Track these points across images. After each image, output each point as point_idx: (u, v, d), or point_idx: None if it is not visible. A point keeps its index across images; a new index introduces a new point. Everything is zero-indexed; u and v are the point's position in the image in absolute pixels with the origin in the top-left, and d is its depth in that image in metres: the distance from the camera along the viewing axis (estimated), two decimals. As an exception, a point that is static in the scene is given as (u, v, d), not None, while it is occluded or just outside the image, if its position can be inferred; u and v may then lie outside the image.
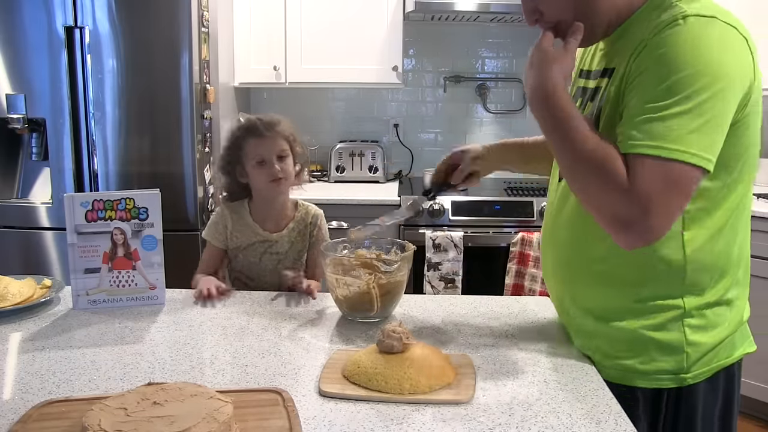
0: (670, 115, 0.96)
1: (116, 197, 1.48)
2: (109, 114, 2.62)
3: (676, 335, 1.11)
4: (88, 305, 1.48)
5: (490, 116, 3.54)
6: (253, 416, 0.96)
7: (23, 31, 2.57)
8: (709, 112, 0.96)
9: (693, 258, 1.09)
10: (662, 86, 0.97)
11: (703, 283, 1.11)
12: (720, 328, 1.14)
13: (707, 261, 1.10)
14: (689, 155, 0.95)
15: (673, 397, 1.14)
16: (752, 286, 1.25)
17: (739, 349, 1.18)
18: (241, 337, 1.32)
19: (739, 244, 1.14)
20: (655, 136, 0.96)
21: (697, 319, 1.12)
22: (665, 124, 0.96)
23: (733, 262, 1.13)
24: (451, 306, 1.51)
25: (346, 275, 1.39)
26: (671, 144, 0.95)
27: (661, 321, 1.11)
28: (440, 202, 2.91)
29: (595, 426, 0.98)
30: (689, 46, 0.97)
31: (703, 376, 1.14)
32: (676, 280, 1.10)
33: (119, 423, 0.85)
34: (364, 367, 1.09)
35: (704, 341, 1.12)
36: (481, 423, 0.98)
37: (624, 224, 0.98)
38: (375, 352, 1.11)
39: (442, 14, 3.13)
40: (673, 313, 1.11)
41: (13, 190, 2.80)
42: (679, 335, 1.11)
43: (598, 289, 1.17)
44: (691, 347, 1.12)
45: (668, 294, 1.11)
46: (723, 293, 1.13)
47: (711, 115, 0.96)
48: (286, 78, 3.11)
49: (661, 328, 1.11)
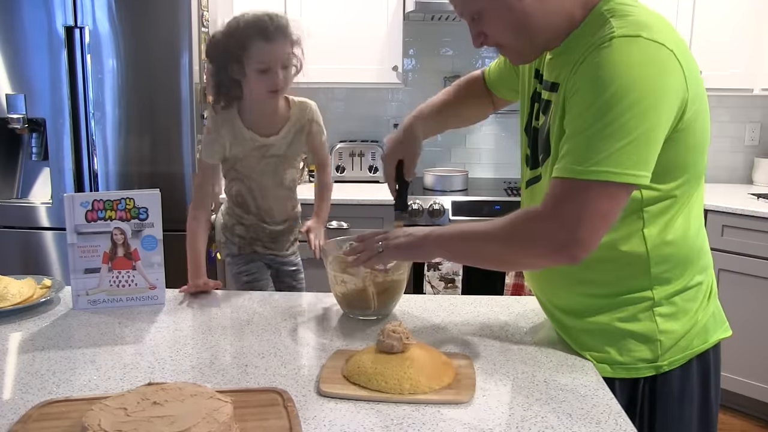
0: (597, 137, 1.01)
1: (116, 197, 1.48)
2: (109, 114, 2.62)
3: (648, 324, 1.16)
4: (88, 305, 1.48)
5: (490, 116, 3.54)
6: (253, 416, 0.96)
7: (23, 31, 2.57)
8: (636, 130, 1.00)
9: (655, 253, 1.15)
10: (590, 109, 1.02)
11: (668, 272, 1.16)
12: (690, 314, 1.19)
13: (668, 253, 1.16)
14: (612, 174, 1.01)
15: (649, 385, 1.18)
16: (752, 286, 1.25)
17: (713, 335, 1.23)
18: (241, 337, 1.32)
19: (694, 235, 1.19)
20: (581, 159, 1.02)
21: (667, 307, 1.17)
22: (590, 147, 1.02)
23: (694, 250, 1.19)
24: (451, 306, 1.51)
25: (344, 272, 1.39)
26: (595, 166, 1.01)
27: (632, 312, 1.17)
28: (440, 202, 2.91)
29: (595, 426, 0.98)
30: (613, 68, 1.01)
31: (677, 362, 1.18)
32: (642, 274, 1.16)
33: (119, 423, 0.85)
34: (364, 367, 1.09)
35: (675, 329, 1.17)
36: (481, 423, 0.98)
37: (558, 247, 1.06)
38: (375, 352, 1.11)
39: (442, 14, 3.13)
40: (643, 305, 1.17)
41: (13, 190, 2.80)
42: (651, 324, 1.16)
43: (572, 290, 1.23)
44: (664, 335, 1.16)
45: (637, 287, 1.17)
46: (689, 279, 1.19)
47: (639, 132, 1.00)
48: (286, 78, 3.11)
49: (632, 319, 1.17)
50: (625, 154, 1.00)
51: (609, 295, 1.18)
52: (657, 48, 1.02)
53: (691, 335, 1.19)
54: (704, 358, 1.22)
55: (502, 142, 3.57)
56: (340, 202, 2.93)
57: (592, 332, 1.20)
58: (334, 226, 2.92)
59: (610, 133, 1.00)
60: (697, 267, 1.20)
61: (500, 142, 3.57)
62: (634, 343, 1.17)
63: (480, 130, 3.56)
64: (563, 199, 1.05)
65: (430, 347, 1.16)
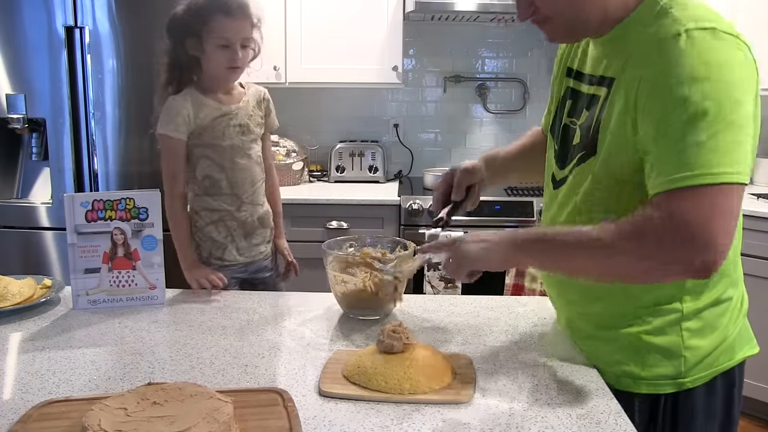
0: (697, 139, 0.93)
1: (116, 197, 1.48)
2: (109, 114, 2.62)
3: (674, 339, 1.11)
4: (88, 305, 1.48)
5: (490, 116, 3.54)
6: (253, 416, 0.96)
7: (23, 31, 2.57)
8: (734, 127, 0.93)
9: None
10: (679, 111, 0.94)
11: (701, 284, 1.10)
12: (719, 330, 1.13)
13: None
14: (729, 175, 0.92)
15: (671, 402, 1.14)
16: (752, 286, 1.25)
17: (739, 353, 1.17)
18: (241, 337, 1.32)
19: (735, 245, 1.12)
20: (690, 165, 0.93)
21: (695, 322, 1.11)
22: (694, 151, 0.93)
23: (729, 261, 1.13)
24: (451, 306, 1.51)
25: (344, 272, 1.39)
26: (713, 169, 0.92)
27: (659, 325, 1.11)
28: (440, 202, 2.91)
29: (595, 426, 0.98)
30: (699, 63, 0.94)
31: (702, 380, 1.13)
32: (673, 284, 1.10)
33: (119, 423, 0.85)
34: (364, 367, 1.09)
35: (702, 345, 1.12)
36: (481, 423, 0.98)
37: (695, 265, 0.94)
38: (375, 353, 1.11)
39: (442, 14, 3.13)
40: (671, 317, 1.11)
41: (13, 190, 2.80)
42: (677, 339, 1.11)
43: (601, 302, 1.17)
44: (689, 351, 1.11)
45: (666, 298, 1.11)
46: (721, 292, 1.13)
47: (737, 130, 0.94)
48: (286, 78, 3.11)
49: (659, 332, 1.11)
50: (735, 154, 0.93)
51: (636, 306, 1.12)
52: (735, 41, 0.97)
53: (717, 352, 1.13)
54: (729, 375, 1.16)
55: (502, 142, 3.55)
56: (340, 202, 2.93)
57: (614, 345, 1.15)
58: (334, 226, 2.92)
59: (712, 134, 0.92)
60: (730, 280, 1.14)
61: (500, 142, 3.56)
62: (658, 358, 1.11)
63: (480, 130, 3.56)
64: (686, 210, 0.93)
65: (430, 347, 1.16)
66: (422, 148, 3.56)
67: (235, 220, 1.83)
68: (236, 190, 1.82)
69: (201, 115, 1.75)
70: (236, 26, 1.69)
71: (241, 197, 1.83)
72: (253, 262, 1.89)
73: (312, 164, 3.44)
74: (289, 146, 3.26)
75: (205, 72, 1.76)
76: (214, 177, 1.79)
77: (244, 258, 1.86)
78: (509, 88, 3.52)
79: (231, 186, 1.81)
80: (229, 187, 1.81)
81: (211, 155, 1.78)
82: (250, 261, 1.88)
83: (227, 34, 1.68)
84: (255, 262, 1.90)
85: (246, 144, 1.82)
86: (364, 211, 2.94)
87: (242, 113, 1.81)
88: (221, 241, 1.83)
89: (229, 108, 1.79)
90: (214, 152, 1.78)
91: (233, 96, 1.83)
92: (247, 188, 1.83)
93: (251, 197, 1.85)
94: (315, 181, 3.39)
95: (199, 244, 1.83)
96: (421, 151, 3.55)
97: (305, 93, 3.43)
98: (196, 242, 1.83)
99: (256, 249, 1.89)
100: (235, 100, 1.82)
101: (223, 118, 1.78)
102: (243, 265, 1.87)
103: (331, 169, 3.37)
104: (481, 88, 3.49)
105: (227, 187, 1.80)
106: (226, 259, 1.83)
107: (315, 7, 3.09)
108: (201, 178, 1.80)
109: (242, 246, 1.85)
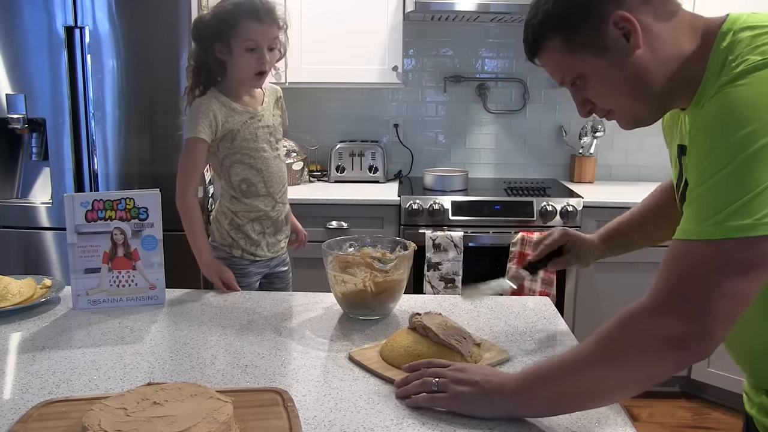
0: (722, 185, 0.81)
1: (116, 197, 1.48)
2: (109, 114, 2.62)
3: None
4: (88, 305, 1.48)
5: (490, 116, 3.54)
6: (253, 416, 0.96)
7: (23, 31, 2.57)
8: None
9: None
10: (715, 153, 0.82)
11: None
12: None
13: None
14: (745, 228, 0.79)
15: None
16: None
17: None
18: (241, 337, 1.32)
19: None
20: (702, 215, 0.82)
21: None
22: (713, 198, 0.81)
23: None
24: (451, 306, 1.51)
25: (343, 272, 1.40)
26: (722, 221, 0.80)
27: None
28: (440, 202, 2.91)
29: (595, 426, 0.98)
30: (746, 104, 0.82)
31: None
32: None
33: (119, 423, 0.85)
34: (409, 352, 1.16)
35: None
36: (481, 423, 0.98)
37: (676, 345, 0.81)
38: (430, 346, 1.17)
39: (442, 14, 3.13)
40: None
41: (13, 190, 2.80)
42: None
43: None
44: None
45: None
46: None
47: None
48: (286, 78, 3.11)
49: None
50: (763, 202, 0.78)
51: None
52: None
53: None
54: None
55: (502, 142, 3.56)
56: (340, 202, 2.93)
57: None
58: (334, 226, 2.92)
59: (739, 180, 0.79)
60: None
61: (500, 142, 3.56)
62: None
63: (480, 130, 3.56)
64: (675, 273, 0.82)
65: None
66: (422, 148, 3.56)
67: (269, 219, 1.89)
68: (271, 190, 1.87)
69: (231, 119, 1.78)
70: (264, 30, 1.71)
71: (275, 197, 1.89)
72: (275, 257, 1.97)
73: (312, 164, 3.43)
74: (289, 146, 3.26)
75: (232, 75, 1.78)
76: (250, 180, 1.84)
77: (270, 253, 1.94)
78: (509, 88, 3.52)
79: (266, 186, 1.86)
80: (265, 187, 1.86)
81: (247, 159, 1.82)
82: (274, 256, 1.95)
83: (256, 38, 1.70)
84: (277, 257, 1.97)
85: (274, 144, 1.87)
86: (364, 211, 2.94)
87: (267, 114, 1.86)
88: (255, 238, 1.88)
89: (256, 110, 1.83)
90: (249, 156, 1.82)
91: (256, 98, 1.86)
92: (279, 188, 1.90)
93: (282, 196, 1.92)
94: (315, 181, 3.38)
95: (236, 241, 1.88)
96: (421, 151, 3.55)
97: (305, 93, 3.43)
98: (232, 239, 1.88)
99: (279, 245, 1.97)
100: (258, 102, 1.86)
101: (252, 121, 1.81)
102: (268, 260, 1.94)
103: (331, 169, 3.37)
104: (481, 88, 3.49)
105: (263, 188, 1.86)
106: (257, 255, 1.90)
107: (315, 7, 3.08)
108: (237, 182, 1.84)
109: (271, 242, 1.93)
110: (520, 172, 3.55)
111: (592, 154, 3.42)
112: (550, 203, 2.90)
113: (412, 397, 1.03)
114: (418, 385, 1.03)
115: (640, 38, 0.92)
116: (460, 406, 0.99)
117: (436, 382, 1.01)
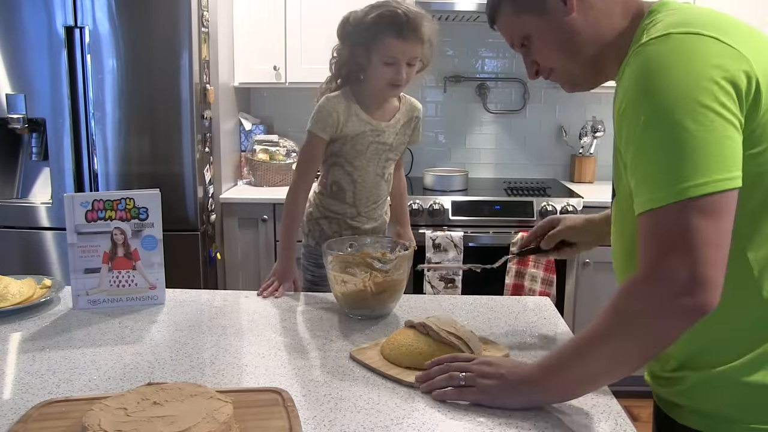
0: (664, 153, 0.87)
1: (116, 197, 1.48)
2: (109, 114, 2.62)
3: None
4: (88, 305, 1.48)
5: (490, 116, 3.54)
6: (253, 416, 0.96)
7: (23, 31, 2.57)
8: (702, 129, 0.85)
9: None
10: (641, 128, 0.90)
11: None
12: None
13: None
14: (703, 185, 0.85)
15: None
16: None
17: None
18: (241, 337, 1.32)
19: None
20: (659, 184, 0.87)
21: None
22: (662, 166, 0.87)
23: None
24: (451, 306, 1.51)
25: (343, 272, 1.40)
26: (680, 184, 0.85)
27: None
28: (440, 202, 2.91)
29: (596, 426, 0.98)
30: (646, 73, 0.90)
31: None
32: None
33: (119, 423, 0.85)
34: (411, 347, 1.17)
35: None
36: (481, 423, 0.98)
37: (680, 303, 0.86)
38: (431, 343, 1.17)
39: (442, 14, 3.13)
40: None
41: (13, 190, 2.80)
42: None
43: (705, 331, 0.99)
44: None
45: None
46: None
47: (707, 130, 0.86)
48: (286, 78, 3.11)
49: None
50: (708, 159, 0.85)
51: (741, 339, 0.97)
52: (691, 39, 0.90)
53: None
54: None
55: (502, 142, 3.57)
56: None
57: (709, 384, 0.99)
58: (334, 226, 2.91)
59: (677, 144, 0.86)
60: None
61: (500, 142, 3.57)
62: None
63: (480, 130, 3.56)
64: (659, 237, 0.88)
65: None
66: (422, 148, 3.55)
67: (348, 225, 1.87)
68: (357, 202, 1.85)
69: (350, 124, 1.76)
70: (406, 48, 1.66)
71: (360, 210, 1.87)
72: None
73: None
74: (289, 146, 3.26)
75: (367, 81, 1.77)
76: (341, 186, 1.83)
77: None
78: (509, 88, 3.52)
79: (354, 197, 1.84)
80: (353, 198, 1.84)
81: (347, 167, 1.81)
82: None
83: (395, 54, 1.67)
84: None
85: (382, 163, 1.83)
86: (364, 211, 2.94)
87: (390, 131, 1.82)
88: (330, 234, 1.86)
89: (379, 125, 1.79)
90: (350, 164, 1.81)
91: (386, 112, 1.83)
92: (369, 205, 1.87)
93: (369, 212, 1.89)
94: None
95: (311, 230, 1.89)
96: (421, 151, 3.55)
97: (305, 93, 3.42)
98: (309, 228, 1.88)
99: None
100: (386, 117, 1.82)
101: (370, 134, 1.79)
102: None
103: (331, 169, 3.37)
104: (481, 88, 3.49)
105: (350, 197, 1.84)
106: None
107: (315, 7, 3.08)
108: (330, 182, 1.84)
109: None
110: (520, 172, 3.56)
111: (592, 154, 3.42)
112: (550, 203, 2.90)
113: (438, 391, 1.06)
114: (445, 379, 1.06)
115: (575, 3, 1.04)
116: (488, 399, 1.03)
117: (463, 376, 1.04)
